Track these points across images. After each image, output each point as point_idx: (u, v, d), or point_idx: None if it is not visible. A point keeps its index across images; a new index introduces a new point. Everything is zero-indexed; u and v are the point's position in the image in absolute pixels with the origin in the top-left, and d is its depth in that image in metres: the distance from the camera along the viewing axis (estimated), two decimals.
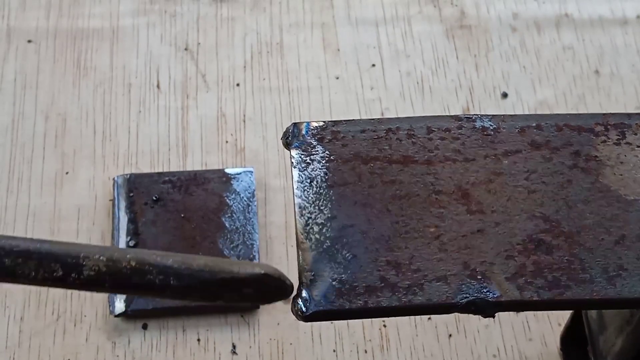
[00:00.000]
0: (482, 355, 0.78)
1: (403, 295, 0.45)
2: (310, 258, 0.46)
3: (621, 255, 0.47)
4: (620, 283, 0.46)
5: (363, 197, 0.49)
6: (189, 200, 0.71)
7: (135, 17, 0.97)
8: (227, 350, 0.78)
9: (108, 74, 0.93)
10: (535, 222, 0.48)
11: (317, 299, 0.45)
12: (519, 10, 0.98)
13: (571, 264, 0.46)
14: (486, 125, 0.52)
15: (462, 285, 0.46)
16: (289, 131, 0.51)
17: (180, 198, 0.71)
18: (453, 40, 0.96)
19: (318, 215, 0.48)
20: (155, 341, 0.78)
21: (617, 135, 0.52)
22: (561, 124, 0.52)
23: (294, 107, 0.92)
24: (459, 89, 0.93)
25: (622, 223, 0.48)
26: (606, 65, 0.94)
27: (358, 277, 0.46)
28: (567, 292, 0.46)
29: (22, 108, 0.91)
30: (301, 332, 0.78)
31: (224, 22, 0.97)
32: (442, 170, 0.50)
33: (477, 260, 0.46)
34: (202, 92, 0.92)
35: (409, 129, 0.51)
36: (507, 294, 0.45)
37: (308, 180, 0.49)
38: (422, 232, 0.47)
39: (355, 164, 0.50)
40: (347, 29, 0.97)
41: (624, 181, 0.50)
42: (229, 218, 0.67)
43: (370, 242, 0.47)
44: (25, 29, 0.96)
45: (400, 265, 0.46)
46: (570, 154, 0.51)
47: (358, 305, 0.45)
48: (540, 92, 0.92)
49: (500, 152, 0.51)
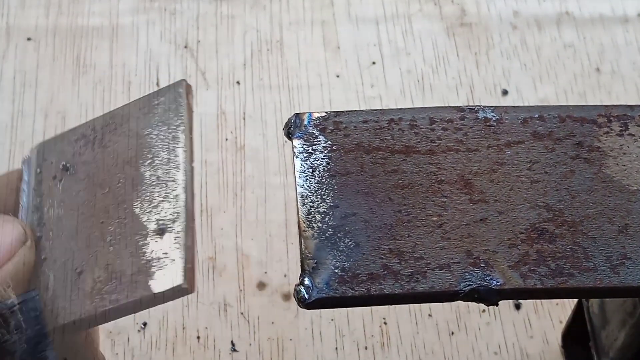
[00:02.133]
0: (483, 352, 0.78)
1: (406, 283, 0.45)
2: (313, 246, 0.46)
3: (624, 245, 0.47)
4: (624, 271, 0.46)
5: (365, 187, 0.48)
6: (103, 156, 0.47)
7: (135, 15, 0.97)
8: (227, 348, 0.77)
9: (108, 71, 0.93)
10: (538, 212, 0.48)
11: (319, 286, 0.45)
12: (520, 8, 0.98)
13: (574, 252, 0.46)
14: (489, 116, 0.52)
15: (465, 273, 0.45)
16: (291, 121, 0.51)
17: (92, 157, 0.47)
18: (454, 38, 0.96)
19: (320, 204, 0.48)
20: (155, 339, 0.78)
21: (619, 127, 0.52)
22: (564, 115, 0.52)
23: (294, 105, 0.91)
24: (460, 87, 0.92)
25: (625, 213, 0.48)
26: (607, 63, 0.94)
27: (360, 264, 0.46)
28: (571, 280, 0.45)
29: (22, 106, 0.91)
30: (301, 329, 0.78)
31: (224, 20, 0.97)
32: (444, 160, 0.50)
33: (480, 249, 0.46)
34: (202, 90, 0.92)
35: (412, 119, 0.51)
36: (510, 281, 0.45)
37: (310, 170, 0.49)
38: (424, 220, 0.47)
39: (358, 154, 0.50)
40: (347, 26, 0.97)
41: (626, 172, 0.50)
42: (149, 165, 0.45)
43: (373, 231, 0.47)
44: (25, 26, 0.96)
45: (402, 254, 0.46)
46: (573, 144, 0.51)
47: (361, 293, 0.45)
48: (541, 90, 0.92)
49: (502, 142, 0.51)
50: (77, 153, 0.48)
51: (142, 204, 0.45)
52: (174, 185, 0.44)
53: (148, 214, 0.44)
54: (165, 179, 0.45)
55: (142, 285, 0.43)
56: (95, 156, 0.47)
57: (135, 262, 0.44)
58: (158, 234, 0.44)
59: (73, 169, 0.48)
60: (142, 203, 0.45)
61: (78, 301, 0.44)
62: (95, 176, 0.47)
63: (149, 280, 0.43)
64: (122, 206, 0.45)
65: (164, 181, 0.45)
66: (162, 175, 0.45)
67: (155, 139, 0.46)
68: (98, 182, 0.47)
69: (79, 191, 0.47)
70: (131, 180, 0.46)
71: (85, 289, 0.44)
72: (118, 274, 0.44)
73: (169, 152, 0.45)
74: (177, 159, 0.45)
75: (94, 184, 0.47)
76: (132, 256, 0.44)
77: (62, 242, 0.46)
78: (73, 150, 0.48)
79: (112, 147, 0.47)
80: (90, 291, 0.44)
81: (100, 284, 0.44)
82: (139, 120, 0.47)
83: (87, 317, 0.44)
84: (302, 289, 0.45)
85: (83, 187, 0.47)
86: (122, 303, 0.43)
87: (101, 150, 0.47)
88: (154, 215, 0.44)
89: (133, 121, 0.47)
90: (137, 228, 0.45)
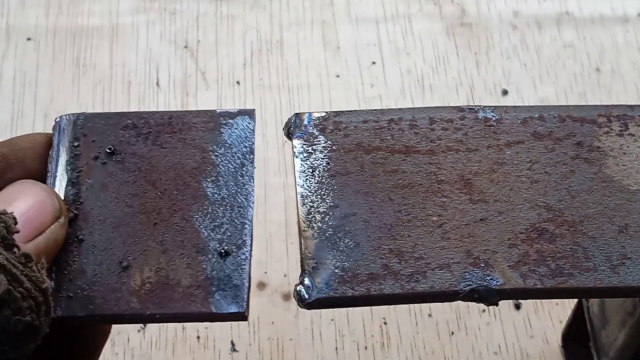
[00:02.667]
0: (483, 352, 0.78)
1: (406, 283, 0.45)
2: (313, 246, 0.46)
3: (624, 245, 0.47)
4: (624, 271, 0.46)
5: (365, 187, 0.48)
6: (158, 155, 0.48)
7: (134, 15, 0.97)
8: (227, 348, 0.77)
9: (107, 71, 0.93)
10: (538, 212, 0.48)
11: (319, 286, 0.45)
12: (520, 8, 0.98)
13: (574, 252, 0.46)
14: (489, 116, 0.52)
15: (465, 273, 0.45)
16: (291, 121, 0.51)
17: (145, 152, 0.48)
18: (453, 38, 0.96)
19: (320, 204, 0.48)
20: (155, 339, 0.78)
21: (620, 127, 0.51)
22: (564, 115, 0.52)
23: (294, 105, 0.91)
24: (460, 87, 0.92)
25: (626, 213, 0.48)
26: (607, 63, 0.94)
27: (361, 264, 0.45)
28: (571, 280, 0.45)
29: (22, 106, 0.91)
30: (301, 329, 0.78)
31: (224, 20, 0.97)
32: (444, 160, 0.50)
33: (480, 249, 0.46)
34: (202, 90, 0.92)
35: (412, 119, 0.51)
36: (510, 281, 0.45)
37: (310, 170, 0.49)
38: (424, 220, 0.47)
39: (358, 154, 0.50)
40: (347, 26, 0.97)
41: (626, 172, 0.50)
42: (212, 183, 0.47)
43: (373, 231, 0.47)
44: (25, 26, 0.96)
45: (403, 253, 0.46)
46: (573, 144, 0.51)
47: (361, 293, 0.44)
48: (541, 90, 0.92)
49: (502, 142, 0.51)
50: (126, 142, 0.48)
51: (203, 219, 0.46)
52: (242, 211, 0.46)
53: (210, 231, 0.46)
54: (231, 202, 0.46)
55: (199, 301, 0.44)
56: (150, 152, 0.48)
57: (192, 274, 0.45)
58: (220, 255, 0.45)
59: (120, 156, 0.48)
60: (203, 218, 0.46)
61: (122, 296, 0.44)
62: (147, 172, 0.47)
63: (208, 298, 0.44)
64: (179, 214, 0.46)
65: (229, 204, 0.46)
66: (228, 197, 0.46)
67: (221, 158, 0.48)
68: (150, 180, 0.47)
69: (126, 181, 0.47)
70: (192, 192, 0.47)
71: (132, 286, 0.44)
72: (172, 282, 0.44)
73: (235, 177, 0.47)
74: (245, 187, 0.47)
75: (145, 180, 0.47)
76: (188, 268, 0.45)
77: (105, 229, 0.46)
78: (121, 137, 0.49)
79: (169, 149, 0.48)
80: (137, 289, 0.44)
81: (150, 286, 0.44)
82: (204, 134, 0.48)
83: (131, 314, 0.44)
84: (302, 289, 0.45)
85: (132, 179, 0.47)
86: (174, 312, 0.44)
87: (156, 149, 0.48)
88: (216, 235, 0.46)
89: (195, 132, 0.49)
90: (196, 241, 0.46)
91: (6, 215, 0.39)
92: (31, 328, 0.38)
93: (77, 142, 0.49)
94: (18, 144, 0.47)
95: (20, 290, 0.37)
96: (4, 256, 0.37)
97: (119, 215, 0.46)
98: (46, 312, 0.39)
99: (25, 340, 0.38)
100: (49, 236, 0.43)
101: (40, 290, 0.38)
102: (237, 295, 0.44)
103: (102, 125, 0.49)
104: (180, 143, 0.48)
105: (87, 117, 0.49)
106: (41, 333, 0.38)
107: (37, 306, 0.38)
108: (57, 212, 0.44)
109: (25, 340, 0.38)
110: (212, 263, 0.45)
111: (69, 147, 0.48)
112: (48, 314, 0.39)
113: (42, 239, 0.42)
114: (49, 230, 0.43)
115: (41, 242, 0.42)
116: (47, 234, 0.43)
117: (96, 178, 0.47)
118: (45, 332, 0.39)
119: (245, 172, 0.47)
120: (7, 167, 0.46)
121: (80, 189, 0.47)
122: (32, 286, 0.38)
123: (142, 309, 0.44)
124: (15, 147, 0.47)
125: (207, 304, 0.44)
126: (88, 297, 0.44)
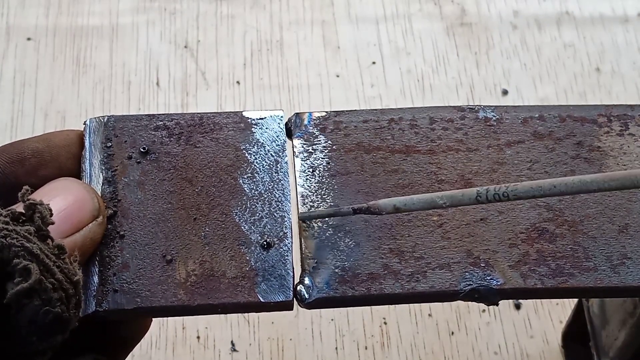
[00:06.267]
0: (483, 352, 0.78)
1: (406, 283, 0.45)
2: (313, 246, 0.46)
3: (625, 244, 0.47)
4: (624, 271, 0.46)
5: (365, 186, 0.48)
6: (192, 154, 0.50)
7: (134, 15, 0.97)
8: (227, 348, 0.77)
9: (107, 71, 0.93)
10: (539, 211, 0.48)
11: (319, 286, 0.45)
12: (520, 7, 0.98)
13: (575, 252, 0.46)
14: (489, 115, 0.52)
15: (466, 272, 0.45)
16: (291, 121, 0.51)
17: (179, 151, 0.50)
18: (454, 38, 0.96)
19: (320, 203, 0.48)
20: (155, 339, 0.78)
21: (620, 127, 0.51)
22: (564, 115, 0.52)
23: (294, 105, 0.91)
24: (460, 87, 0.92)
25: (626, 212, 0.48)
26: (607, 63, 0.94)
27: (361, 264, 0.45)
28: (571, 280, 0.45)
29: (22, 106, 0.91)
30: (301, 329, 0.78)
31: (224, 20, 0.97)
32: (444, 160, 0.50)
33: (480, 249, 0.46)
34: (202, 90, 0.92)
35: (412, 119, 0.51)
36: (511, 281, 0.45)
37: (310, 170, 0.49)
38: (424, 220, 0.47)
39: (358, 154, 0.50)
40: (347, 26, 0.97)
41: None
42: (249, 180, 0.49)
43: (373, 230, 0.47)
44: (25, 26, 0.96)
45: (403, 253, 0.46)
46: (573, 144, 0.51)
47: (361, 292, 0.44)
48: (541, 90, 0.92)
49: (503, 142, 0.51)
50: (159, 142, 0.50)
51: (243, 213, 0.48)
52: (280, 205, 0.48)
53: (250, 225, 0.47)
54: (269, 197, 0.48)
55: (246, 291, 0.45)
56: (184, 151, 0.50)
57: (236, 266, 0.46)
58: (263, 247, 0.46)
59: (154, 156, 0.50)
60: (242, 212, 0.48)
61: (169, 289, 0.45)
62: (183, 170, 0.49)
63: (255, 288, 0.45)
64: (219, 209, 0.48)
65: (267, 199, 0.48)
66: (265, 192, 0.48)
67: (255, 156, 0.50)
68: (187, 178, 0.49)
69: (162, 179, 0.49)
70: (229, 188, 0.48)
71: (177, 278, 0.45)
72: (217, 273, 0.45)
73: (270, 173, 0.49)
74: (281, 183, 0.48)
75: (181, 178, 0.49)
76: (232, 260, 0.46)
77: (145, 225, 0.47)
78: (153, 137, 0.50)
79: (202, 148, 0.50)
80: (183, 282, 0.45)
81: (195, 278, 0.45)
82: (235, 133, 0.51)
83: (179, 306, 0.45)
84: (302, 289, 0.45)
85: (168, 177, 0.49)
86: (222, 302, 0.45)
87: (190, 148, 0.50)
88: (257, 228, 0.47)
89: (227, 132, 0.51)
90: (237, 235, 0.47)
91: (42, 206, 0.39)
92: (60, 320, 0.38)
93: (109, 143, 0.49)
94: (53, 141, 0.47)
95: (52, 281, 0.37)
96: (37, 246, 0.37)
97: (158, 211, 0.47)
98: (76, 305, 0.39)
99: (54, 332, 0.38)
100: (85, 234, 0.43)
101: (71, 282, 0.38)
102: (282, 285, 0.45)
103: (133, 127, 0.50)
104: (214, 142, 0.50)
105: (117, 119, 0.50)
106: (70, 326, 0.38)
107: (68, 298, 0.38)
108: (95, 211, 0.44)
109: (53, 332, 0.38)
110: (255, 255, 0.46)
111: (102, 147, 0.49)
112: (78, 307, 0.39)
113: (78, 236, 0.43)
114: (87, 228, 0.43)
115: (78, 239, 0.43)
116: (84, 232, 0.43)
117: (132, 177, 0.48)
118: (74, 326, 0.39)
119: (280, 169, 0.49)
120: (42, 164, 0.46)
121: (117, 187, 0.48)
122: (63, 278, 0.38)
123: (189, 301, 0.45)
124: (51, 144, 0.47)
125: (254, 293, 0.45)
126: (134, 290, 0.45)
